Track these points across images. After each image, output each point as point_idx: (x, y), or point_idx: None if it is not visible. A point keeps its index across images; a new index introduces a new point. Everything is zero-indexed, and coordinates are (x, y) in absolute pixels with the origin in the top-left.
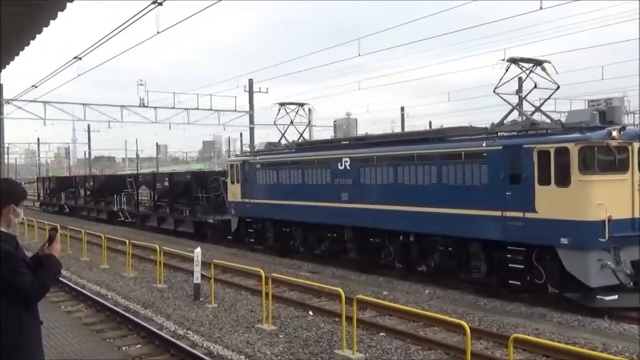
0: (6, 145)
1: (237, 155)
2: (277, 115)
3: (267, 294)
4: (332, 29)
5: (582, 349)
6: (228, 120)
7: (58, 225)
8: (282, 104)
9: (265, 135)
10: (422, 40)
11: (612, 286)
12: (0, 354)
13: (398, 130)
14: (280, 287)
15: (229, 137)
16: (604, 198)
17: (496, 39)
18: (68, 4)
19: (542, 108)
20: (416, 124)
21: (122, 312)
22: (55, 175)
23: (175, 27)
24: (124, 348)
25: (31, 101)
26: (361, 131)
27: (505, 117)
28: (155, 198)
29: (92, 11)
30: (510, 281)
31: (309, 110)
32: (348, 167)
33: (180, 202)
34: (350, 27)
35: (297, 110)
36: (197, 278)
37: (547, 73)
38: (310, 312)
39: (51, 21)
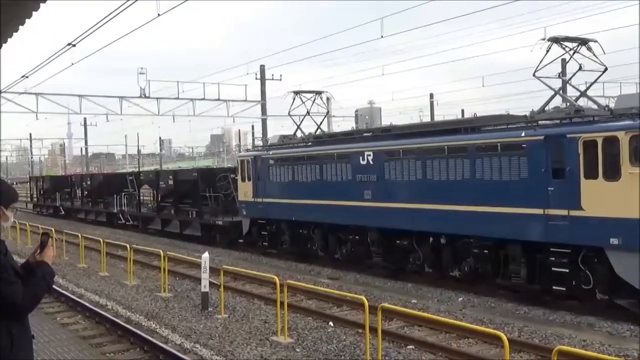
0: None
1: (248, 150)
2: (292, 105)
3: (282, 303)
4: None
5: None
6: (238, 111)
7: (53, 230)
8: (297, 93)
9: (279, 128)
10: (452, 18)
11: None
12: None
13: (427, 119)
14: (297, 295)
15: (239, 130)
16: None
17: (536, 16)
18: None
19: (588, 92)
20: (447, 112)
21: (124, 324)
22: (50, 174)
23: (177, 17)
24: None
25: (22, 93)
26: (385, 121)
27: (547, 103)
28: (159, 198)
29: None
30: (553, 287)
31: (327, 98)
32: (371, 162)
33: (186, 203)
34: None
35: (314, 99)
36: (205, 286)
37: (593, 53)
38: (331, 323)
39: (41, 4)
